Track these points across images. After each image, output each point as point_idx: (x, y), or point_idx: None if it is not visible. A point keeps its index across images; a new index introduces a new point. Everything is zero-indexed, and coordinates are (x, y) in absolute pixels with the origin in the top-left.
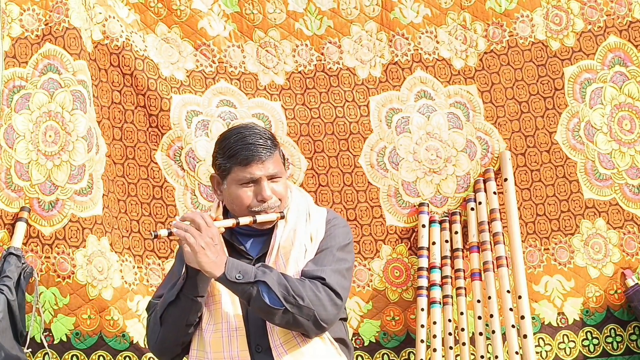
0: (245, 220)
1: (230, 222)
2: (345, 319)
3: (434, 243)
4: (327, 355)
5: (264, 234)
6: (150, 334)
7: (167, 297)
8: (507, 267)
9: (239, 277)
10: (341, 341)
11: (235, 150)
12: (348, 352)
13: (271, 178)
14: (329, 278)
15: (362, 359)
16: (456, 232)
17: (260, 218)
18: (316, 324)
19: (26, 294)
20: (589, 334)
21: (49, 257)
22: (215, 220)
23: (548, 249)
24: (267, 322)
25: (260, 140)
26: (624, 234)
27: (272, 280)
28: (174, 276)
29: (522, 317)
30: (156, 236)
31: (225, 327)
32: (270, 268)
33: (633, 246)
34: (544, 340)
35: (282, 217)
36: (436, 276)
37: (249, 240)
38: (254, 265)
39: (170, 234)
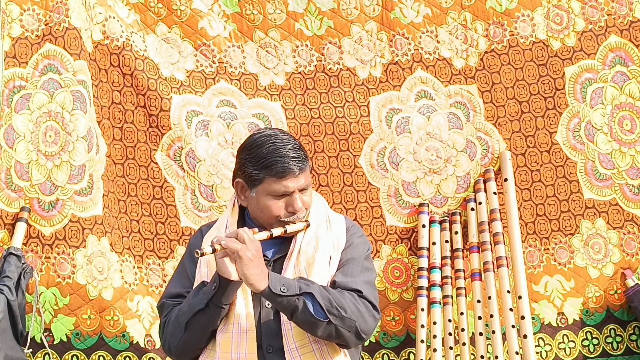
0: (277, 232)
1: (265, 235)
2: None
3: (434, 243)
4: None
5: (282, 239)
6: (169, 337)
7: (194, 303)
8: (507, 267)
9: (283, 289)
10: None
11: (271, 162)
12: (356, 353)
13: (301, 190)
14: (364, 291)
15: (362, 359)
16: (456, 232)
17: (290, 229)
18: (357, 335)
19: (26, 294)
20: (588, 334)
21: (49, 257)
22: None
23: (548, 249)
24: (282, 324)
25: (294, 153)
26: (624, 234)
27: (317, 293)
28: (185, 276)
29: (522, 317)
30: (202, 254)
31: (236, 328)
32: (310, 281)
33: (633, 246)
34: (543, 340)
35: (308, 226)
36: (436, 276)
37: (266, 243)
38: (270, 266)
39: (214, 250)
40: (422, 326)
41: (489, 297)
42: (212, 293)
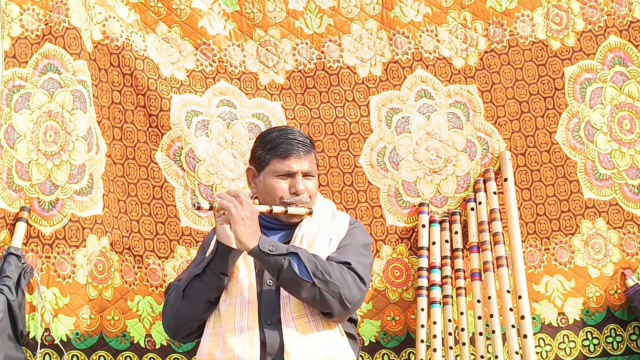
0: (278, 209)
1: (264, 208)
2: (355, 322)
3: (434, 243)
4: (333, 339)
5: (289, 228)
6: (169, 310)
7: (193, 271)
8: (507, 267)
9: (271, 249)
10: (350, 336)
11: (277, 143)
12: (355, 345)
13: (305, 175)
14: (354, 264)
15: (362, 359)
16: (456, 232)
17: (291, 210)
18: (341, 302)
19: (26, 293)
20: (589, 334)
21: (49, 257)
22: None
23: (548, 249)
24: (281, 298)
25: (300, 138)
26: (624, 234)
27: (303, 254)
28: (194, 264)
29: (522, 317)
30: (198, 207)
31: (239, 300)
32: (300, 247)
33: (633, 246)
34: (544, 341)
35: (311, 214)
36: (436, 276)
37: (273, 232)
38: None
39: (211, 207)
40: (422, 326)
41: (489, 297)
42: (209, 258)
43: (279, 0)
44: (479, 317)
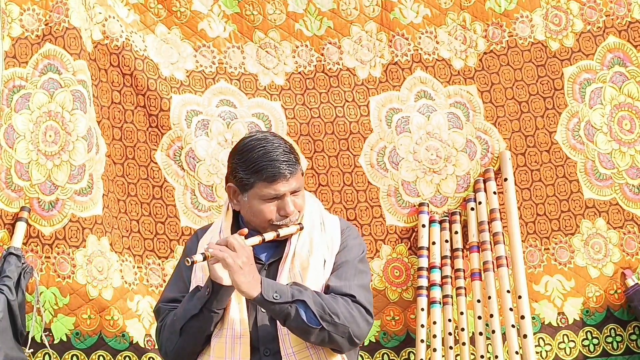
0: (270, 236)
1: (257, 240)
2: None
3: (433, 243)
4: None
5: (277, 243)
6: (166, 342)
7: (188, 308)
8: (507, 267)
9: (276, 297)
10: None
11: (261, 166)
12: (354, 354)
13: (293, 192)
14: (358, 295)
15: (362, 359)
16: (456, 232)
17: (282, 232)
18: (350, 340)
19: (26, 293)
20: (589, 333)
21: (49, 257)
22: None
23: (548, 248)
24: (278, 328)
25: (285, 157)
26: (624, 233)
27: (309, 299)
28: (180, 280)
29: (522, 317)
30: (192, 262)
31: (230, 333)
32: (304, 287)
33: (633, 246)
34: (544, 340)
35: (302, 229)
36: (436, 276)
37: (261, 248)
38: (265, 270)
39: (205, 258)
40: (422, 326)
41: (489, 297)
42: (205, 298)
43: (278, 2)
44: (479, 317)
